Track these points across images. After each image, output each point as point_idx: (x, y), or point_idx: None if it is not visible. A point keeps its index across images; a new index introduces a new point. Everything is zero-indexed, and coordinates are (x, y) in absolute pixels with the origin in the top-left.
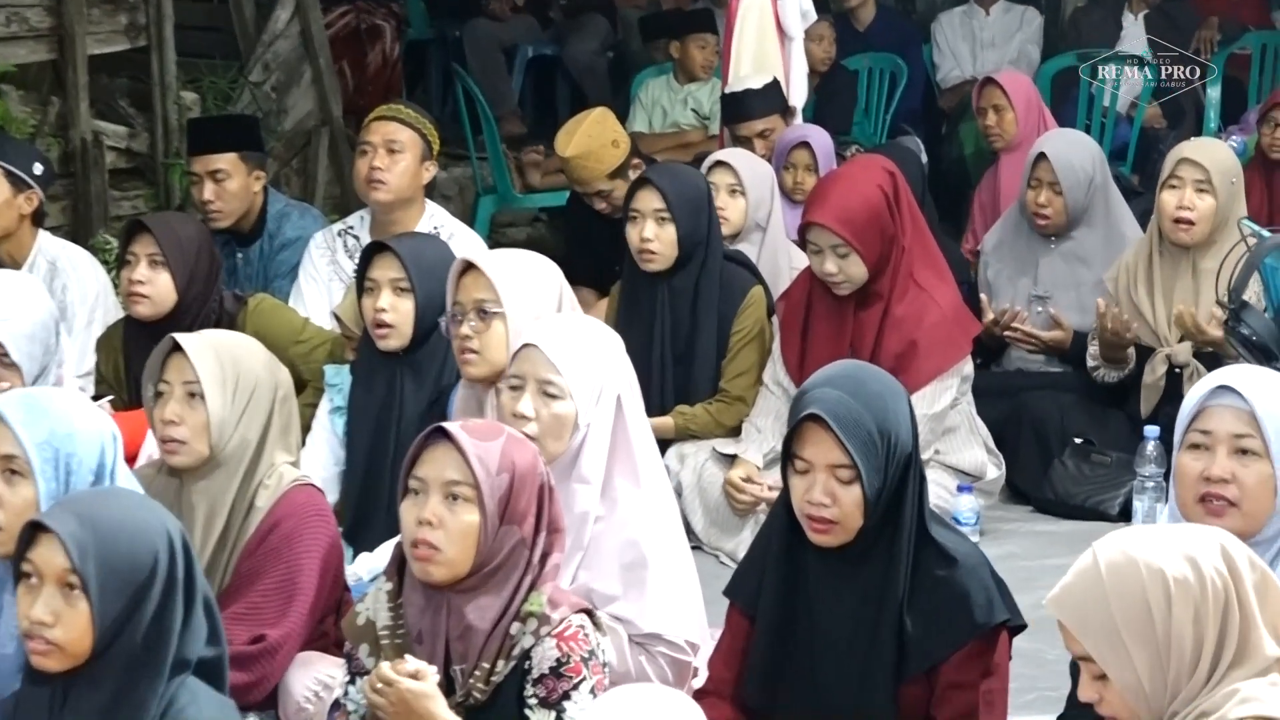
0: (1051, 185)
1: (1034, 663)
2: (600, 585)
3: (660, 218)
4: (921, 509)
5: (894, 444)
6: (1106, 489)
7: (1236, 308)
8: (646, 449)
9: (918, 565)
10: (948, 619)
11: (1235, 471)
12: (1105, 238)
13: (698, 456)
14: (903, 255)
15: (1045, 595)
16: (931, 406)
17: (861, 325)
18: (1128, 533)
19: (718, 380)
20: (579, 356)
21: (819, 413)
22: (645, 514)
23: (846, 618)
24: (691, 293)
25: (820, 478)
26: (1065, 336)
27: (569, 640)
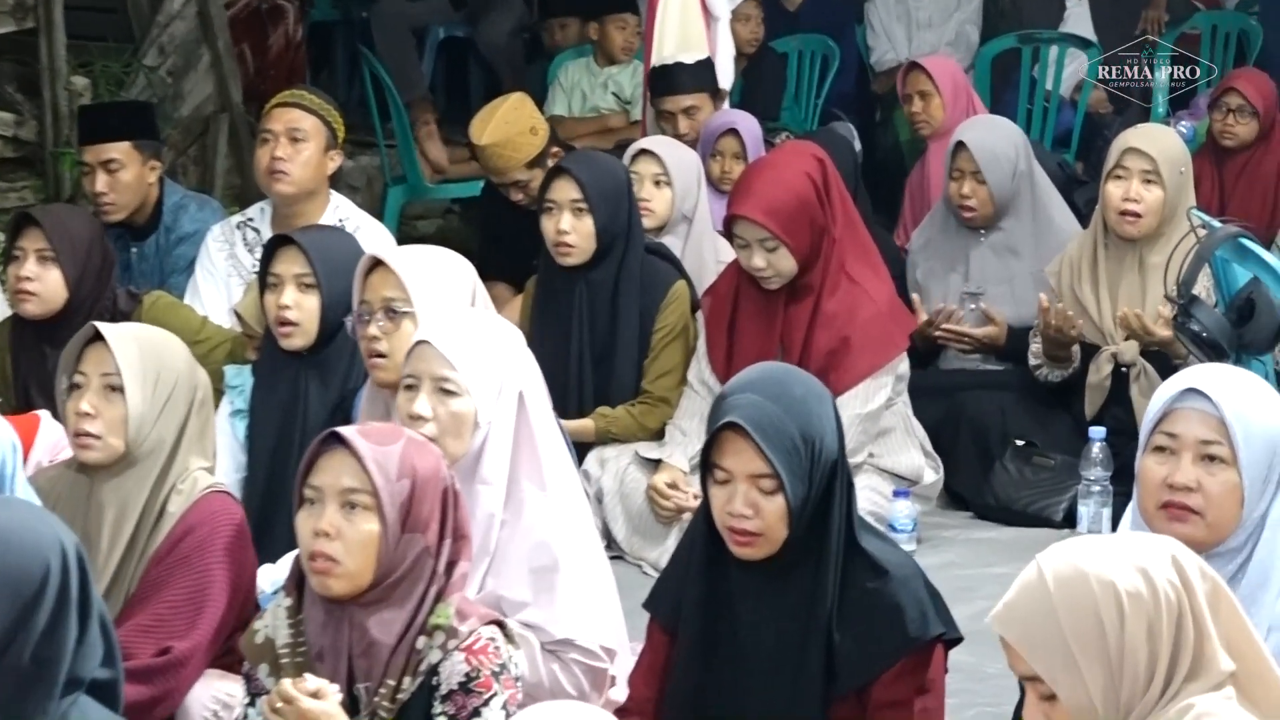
0: (974, 175)
1: (974, 677)
2: (509, 592)
3: (577, 209)
4: (850, 518)
5: (818, 451)
6: (1050, 494)
7: (1186, 303)
8: (553, 447)
9: (847, 577)
10: (879, 634)
11: (1200, 479)
12: (1035, 226)
13: (619, 461)
14: (834, 247)
15: (986, 606)
16: (865, 406)
17: (791, 321)
18: (1074, 544)
19: (640, 380)
20: (475, 351)
21: (738, 421)
22: (554, 515)
23: (772, 634)
24: (611, 287)
25: (741, 488)
26: (999, 332)
27: (479, 654)
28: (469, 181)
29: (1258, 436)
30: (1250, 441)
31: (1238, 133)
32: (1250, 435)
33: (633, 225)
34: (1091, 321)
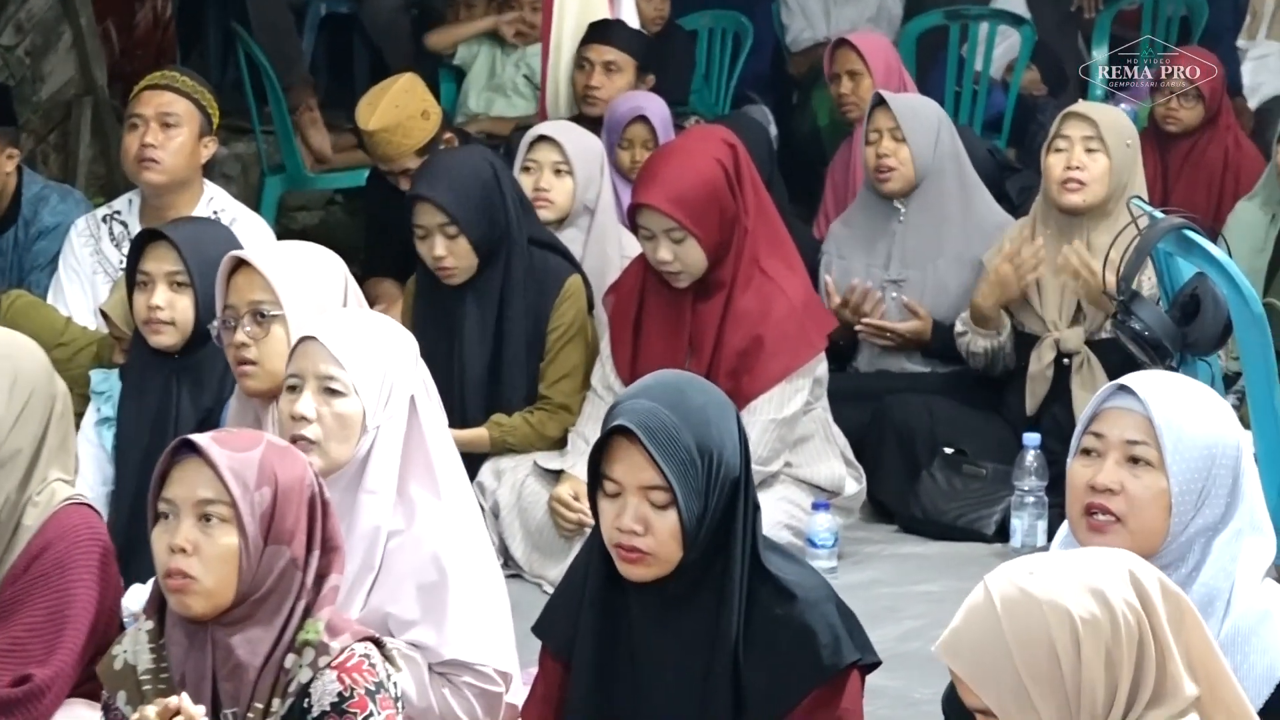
0: (892, 131)
1: (901, 702)
2: (396, 609)
3: (447, 234)
4: (755, 539)
5: (717, 465)
6: (981, 505)
7: (1127, 299)
8: (446, 455)
9: (753, 603)
10: (790, 664)
11: (1124, 482)
12: (961, 208)
13: (517, 473)
14: (746, 239)
15: (913, 626)
16: (781, 410)
17: (701, 319)
18: (1024, 565)
19: (535, 386)
20: (364, 349)
21: (628, 425)
22: (445, 528)
23: (674, 665)
24: (498, 288)
25: (631, 501)
26: (924, 325)
27: (352, 672)
28: (353, 170)
29: (1190, 442)
30: (1181, 446)
31: (1181, 117)
32: (1181, 439)
33: (511, 223)
34: (1033, 310)
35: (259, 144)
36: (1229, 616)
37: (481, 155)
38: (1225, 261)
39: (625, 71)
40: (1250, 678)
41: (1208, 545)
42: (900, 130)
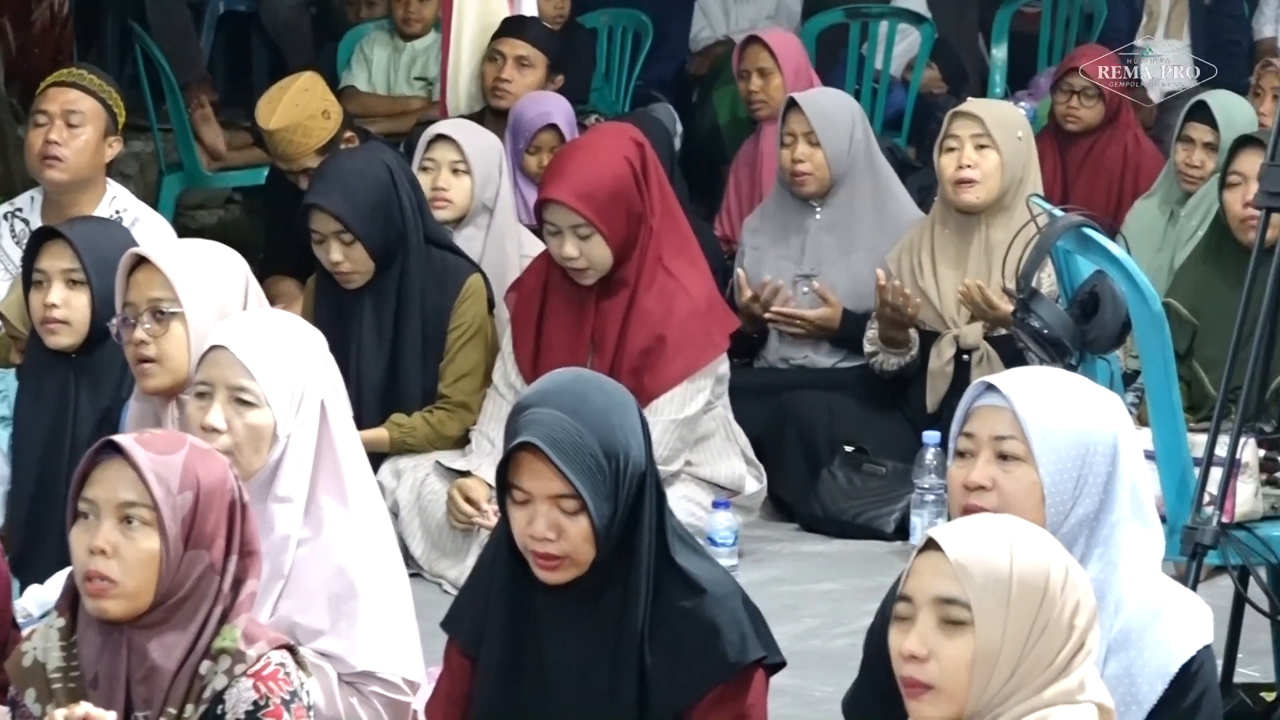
0: (807, 136)
1: (802, 701)
2: (304, 618)
3: (343, 240)
4: (663, 533)
5: (623, 466)
6: (881, 503)
7: (1026, 298)
8: (356, 463)
9: (660, 597)
10: (695, 659)
11: (995, 478)
12: (875, 205)
13: (416, 472)
14: (651, 238)
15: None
16: (682, 410)
17: (604, 318)
18: None
19: (434, 386)
20: (275, 358)
21: (534, 440)
22: (355, 535)
23: (581, 660)
24: (395, 290)
25: (542, 509)
26: (834, 313)
27: (267, 680)
28: (252, 169)
29: (1059, 433)
30: (1049, 438)
31: (1082, 116)
32: (1049, 432)
33: (408, 222)
34: (933, 307)
35: (157, 142)
36: (1121, 613)
37: (378, 158)
38: (1124, 259)
39: (536, 68)
40: (1144, 674)
41: (1091, 537)
42: (815, 135)
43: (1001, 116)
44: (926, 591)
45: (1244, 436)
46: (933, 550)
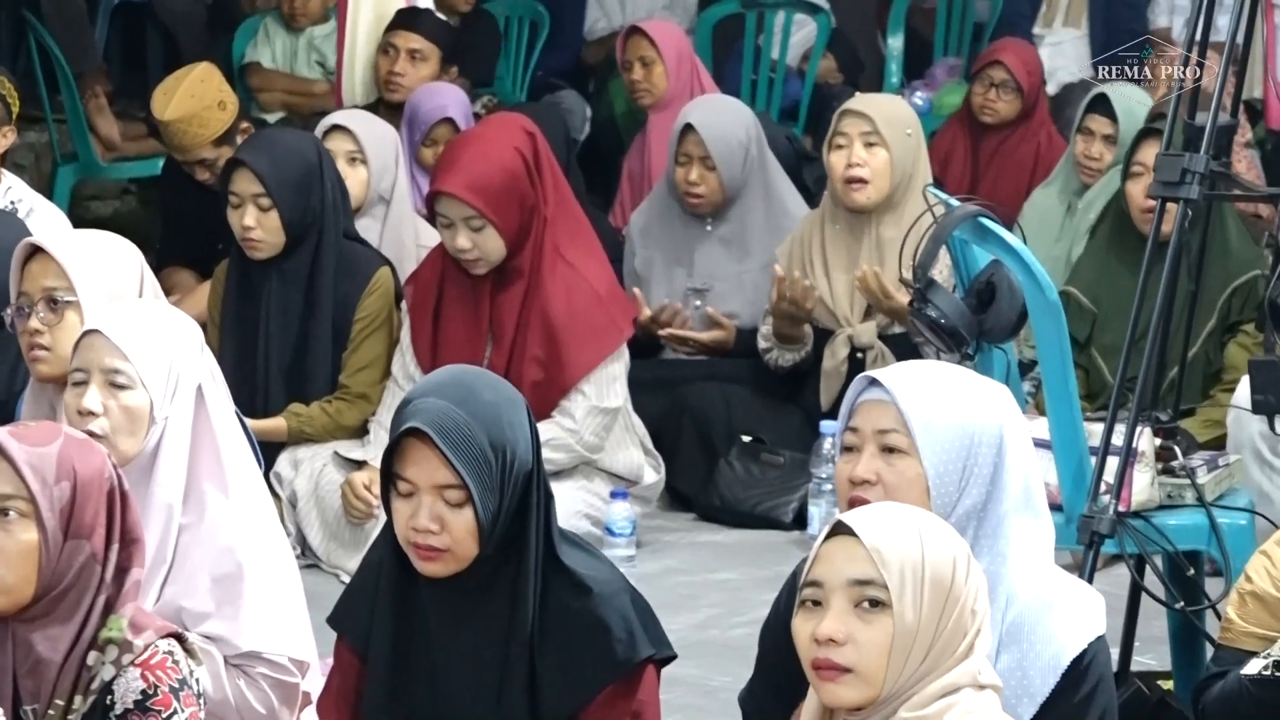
0: (703, 160)
1: (699, 691)
2: (189, 602)
3: (260, 203)
4: (549, 533)
5: (510, 460)
6: (779, 493)
7: (922, 287)
8: (235, 449)
9: (548, 597)
10: (584, 660)
11: (880, 471)
12: (767, 216)
13: (315, 462)
14: (545, 228)
15: (711, 615)
16: (603, 400)
17: (501, 309)
18: None
19: (337, 375)
20: (149, 341)
21: (421, 426)
22: (238, 519)
23: (470, 660)
24: (306, 276)
25: (426, 500)
26: (727, 336)
27: (156, 669)
28: (148, 160)
29: (942, 426)
30: (931, 429)
31: (998, 109)
32: (932, 424)
33: (327, 208)
34: (825, 305)
35: (51, 133)
36: (1013, 605)
37: (311, 140)
38: (1021, 249)
39: (430, 60)
40: (1035, 667)
41: (980, 529)
42: (711, 160)
43: (890, 114)
44: (840, 575)
45: (1140, 425)
46: (843, 535)
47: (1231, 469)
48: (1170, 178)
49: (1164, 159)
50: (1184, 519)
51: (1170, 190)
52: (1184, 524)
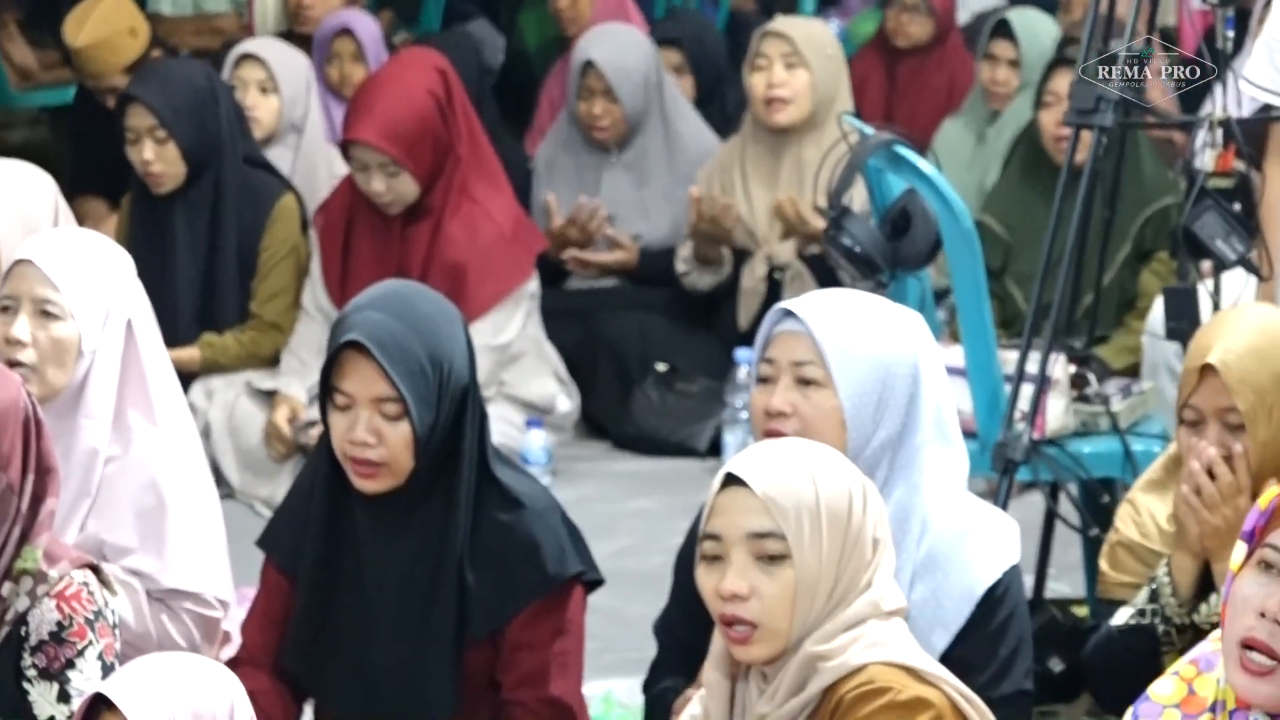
0: (605, 94)
1: (615, 620)
2: (113, 536)
3: (157, 136)
4: (483, 447)
5: (447, 375)
6: (693, 421)
7: (837, 215)
8: (164, 380)
9: (479, 511)
10: (515, 572)
11: (795, 403)
12: (667, 142)
13: (228, 393)
14: (457, 166)
15: (627, 544)
16: (497, 336)
17: (409, 244)
18: None
19: (247, 305)
20: (81, 272)
21: (359, 339)
22: (164, 454)
23: (401, 575)
24: (210, 206)
25: (364, 414)
26: (630, 257)
27: (71, 600)
28: (60, 88)
29: (858, 357)
30: (847, 362)
31: (911, 32)
32: (847, 356)
33: (224, 136)
34: (744, 225)
35: None
36: (927, 535)
37: (200, 67)
38: (935, 177)
39: None
40: (950, 597)
41: (895, 460)
42: (614, 93)
43: (811, 35)
44: (737, 528)
45: (1055, 353)
46: (735, 486)
47: (1145, 396)
48: (1085, 105)
49: (1079, 86)
50: (1098, 446)
51: (1085, 118)
52: (1098, 451)
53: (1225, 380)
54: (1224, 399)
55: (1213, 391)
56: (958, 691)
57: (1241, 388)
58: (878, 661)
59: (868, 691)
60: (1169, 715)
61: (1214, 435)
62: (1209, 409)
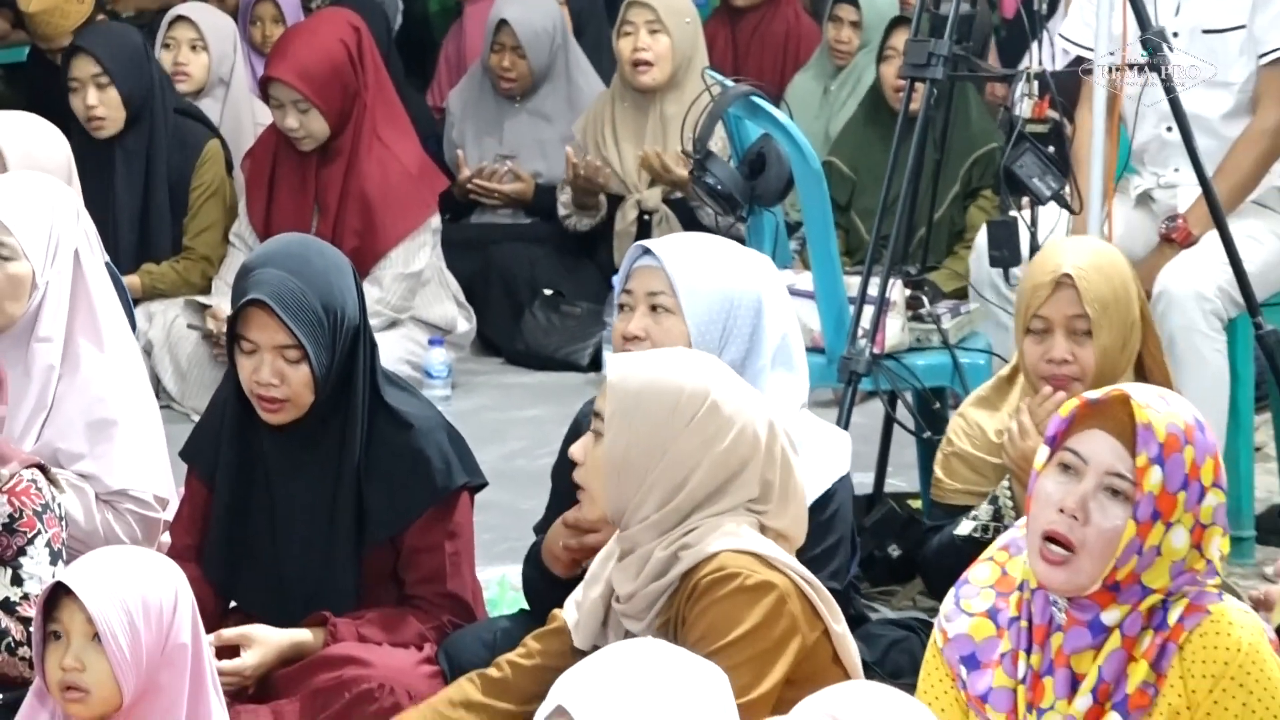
0: (514, 49)
1: (508, 514)
2: (65, 444)
3: (100, 84)
4: (374, 378)
5: (340, 319)
6: (576, 340)
7: (702, 158)
8: (109, 308)
9: (373, 434)
10: (406, 487)
11: (648, 329)
12: (568, 94)
13: (166, 315)
14: (365, 112)
15: (518, 446)
16: (409, 265)
17: (325, 182)
18: None
19: (180, 238)
20: (30, 213)
21: (262, 298)
22: (110, 372)
23: (305, 492)
24: (145, 150)
25: (267, 358)
26: (527, 189)
27: (21, 495)
28: (15, 48)
29: (705, 289)
30: (695, 293)
31: None
32: (695, 288)
33: (155, 88)
34: (616, 174)
35: None
36: None
37: (134, 30)
38: (787, 124)
39: None
40: None
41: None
42: (523, 50)
43: (671, 4)
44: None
45: (893, 278)
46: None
47: (972, 315)
48: (918, 60)
49: (912, 44)
50: (930, 359)
51: (918, 71)
52: (930, 364)
53: (1079, 290)
54: (1075, 308)
55: (1064, 302)
56: (801, 577)
57: (1090, 297)
58: (730, 549)
59: (719, 577)
60: (985, 595)
61: (1061, 342)
62: (1058, 317)
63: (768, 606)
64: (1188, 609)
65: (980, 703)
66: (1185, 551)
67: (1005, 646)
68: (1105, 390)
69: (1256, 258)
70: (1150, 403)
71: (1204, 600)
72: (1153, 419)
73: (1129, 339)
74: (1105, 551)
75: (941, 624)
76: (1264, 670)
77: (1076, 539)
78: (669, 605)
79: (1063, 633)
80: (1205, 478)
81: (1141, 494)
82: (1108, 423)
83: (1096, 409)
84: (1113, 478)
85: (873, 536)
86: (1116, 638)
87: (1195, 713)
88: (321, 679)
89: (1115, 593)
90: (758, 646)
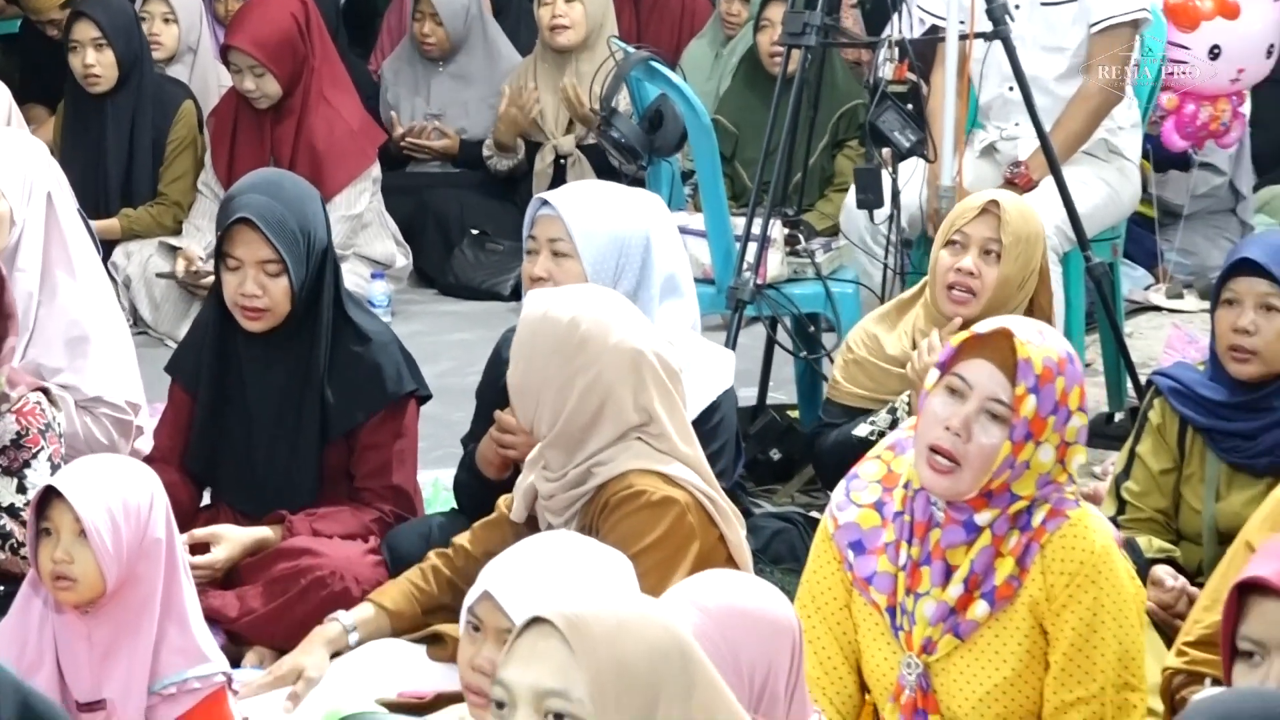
0: (433, 17)
1: (440, 425)
2: (47, 359)
3: (98, 44)
4: (339, 295)
5: (312, 239)
6: (500, 273)
7: (608, 115)
8: (79, 240)
9: (336, 343)
10: (363, 390)
11: (550, 270)
12: (486, 60)
13: (143, 253)
14: (313, 75)
15: (450, 366)
16: (351, 209)
17: (279, 138)
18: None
19: (156, 185)
20: (7, 161)
21: (249, 216)
22: (83, 297)
23: (275, 393)
24: (131, 108)
25: (251, 273)
26: (453, 144)
27: (27, 415)
28: (8, 20)
29: (597, 233)
30: (589, 238)
31: None
32: (589, 233)
33: (143, 53)
34: (537, 123)
35: None
36: None
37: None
38: (682, 85)
39: None
40: None
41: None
42: (440, 18)
43: None
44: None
45: (773, 218)
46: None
47: (841, 251)
48: (794, 29)
49: (789, 15)
50: (806, 289)
51: (794, 39)
52: (806, 293)
53: (1002, 219)
54: (992, 232)
55: (985, 225)
56: (702, 493)
57: (1009, 229)
58: (638, 469)
59: (628, 494)
60: (872, 489)
61: (974, 258)
62: (976, 236)
63: (670, 520)
64: (1050, 513)
65: (865, 584)
66: (1051, 466)
67: (889, 537)
68: (992, 323)
69: (1087, 201)
70: (1030, 339)
71: (1064, 506)
72: (1032, 354)
73: (1027, 281)
74: (984, 466)
75: (833, 512)
76: (1113, 569)
77: (959, 453)
78: (584, 513)
79: (940, 529)
80: (1072, 403)
81: (1018, 419)
82: (992, 353)
83: (983, 341)
84: (993, 403)
85: (756, 443)
86: (987, 536)
87: (1052, 604)
88: (280, 568)
89: (988, 498)
90: (662, 553)
